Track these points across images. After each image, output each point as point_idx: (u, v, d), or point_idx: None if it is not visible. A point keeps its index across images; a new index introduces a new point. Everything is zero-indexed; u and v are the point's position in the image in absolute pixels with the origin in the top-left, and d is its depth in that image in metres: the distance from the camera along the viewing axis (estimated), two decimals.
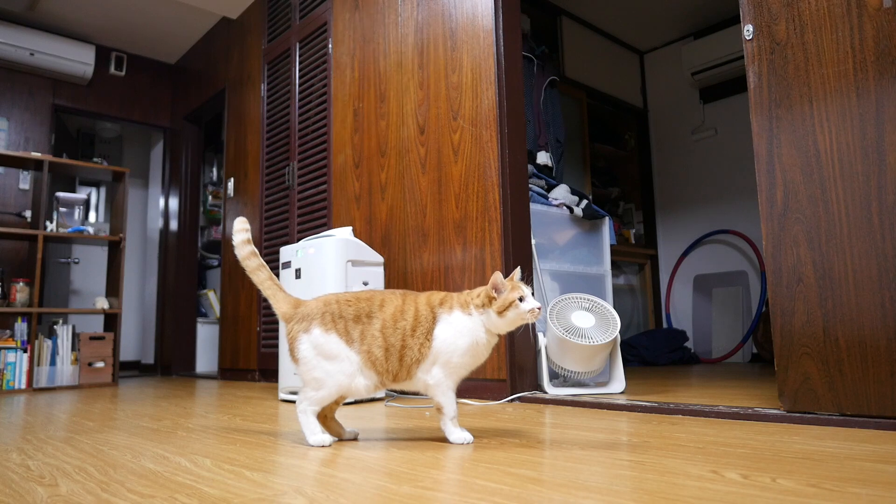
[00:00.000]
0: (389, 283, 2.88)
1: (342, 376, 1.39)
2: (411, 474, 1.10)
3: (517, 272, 1.48)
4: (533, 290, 1.47)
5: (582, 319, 2.33)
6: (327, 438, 1.42)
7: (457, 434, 1.42)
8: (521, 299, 1.39)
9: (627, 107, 4.96)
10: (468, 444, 1.40)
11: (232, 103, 4.49)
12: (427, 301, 1.45)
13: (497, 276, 1.40)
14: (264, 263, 1.54)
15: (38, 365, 3.75)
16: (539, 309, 1.39)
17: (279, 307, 1.49)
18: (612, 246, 3.79)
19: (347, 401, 2.40)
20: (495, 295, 1.40)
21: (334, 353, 1.40)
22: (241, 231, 1.54)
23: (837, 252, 1.56)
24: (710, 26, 4.71)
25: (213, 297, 5.36)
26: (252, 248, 1.54)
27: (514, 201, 2.44)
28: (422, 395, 1.64)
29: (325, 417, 1.50)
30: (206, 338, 5.16)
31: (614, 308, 2.42)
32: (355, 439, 1.50)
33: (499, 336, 1.45)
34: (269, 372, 3.77)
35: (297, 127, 3.68)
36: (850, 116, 1.56)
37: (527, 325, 1.46)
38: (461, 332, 1.40)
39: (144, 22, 4.79)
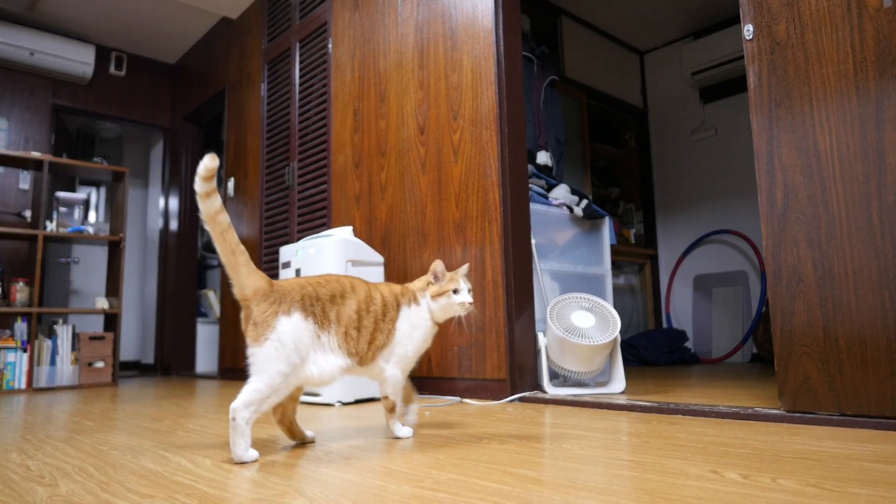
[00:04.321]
0: None
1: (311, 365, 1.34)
2: (411, 474, 1.10)
3: (464, 268, 1.60)
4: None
5: (582, 319, 2.33)
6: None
7: (404, 430, 1.53)
8: (455, 291, 1.51)
9: (627, 107, 4.96)
10: (410, 437, 1.52)
11: (232, 103, 4.49)
12: (390, 291, 1.52)
13: (437, 264, 1.54)
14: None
15: (38, 365, 3.75)
16: (470, 304, 1.52)
17: (251, 281, 1.32)
18: (612, 246, 3.79)
19: (348, 400, 2.39)
20: (433, 281, 1.54)
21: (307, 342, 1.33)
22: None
23: (837, 252, 1.56)
24: (710, 26, 4.71)
25: (213, 297, 5.35)
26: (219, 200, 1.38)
27: (514, 201, 2.44)
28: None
29: (290, 422, 1.46)
30: (206, 338, 5.15)
31: (614, 308, 2.42)
32: (313, 442, 1.49)
33: (437, 326, 1.55)
34: None
35: (297, 127, 3.68)
36: (850, 116, 1.56)
37: (462, 318, 1.60)
38: (416, 324, 1.51)
39: (144, 22, 4.79)
